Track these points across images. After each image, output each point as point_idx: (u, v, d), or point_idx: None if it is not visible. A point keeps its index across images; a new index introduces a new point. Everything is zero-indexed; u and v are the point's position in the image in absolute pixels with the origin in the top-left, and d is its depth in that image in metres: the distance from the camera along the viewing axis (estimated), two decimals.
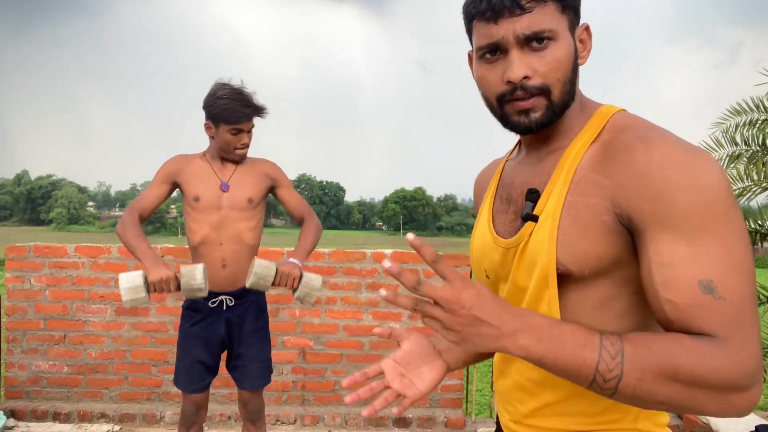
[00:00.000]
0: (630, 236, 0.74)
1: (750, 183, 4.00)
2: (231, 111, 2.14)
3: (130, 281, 1.98)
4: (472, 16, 0.82)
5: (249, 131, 2.23)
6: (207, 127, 2.23)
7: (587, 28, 0.84)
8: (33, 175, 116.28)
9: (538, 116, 0.80)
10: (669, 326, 0.71)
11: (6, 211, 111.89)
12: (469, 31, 0.85)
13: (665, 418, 0.84)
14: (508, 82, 0.78)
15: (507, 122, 0.83)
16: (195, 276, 2.01)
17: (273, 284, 2.13)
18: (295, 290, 2.17)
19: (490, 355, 1.05)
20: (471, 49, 0.86)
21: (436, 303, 0.68)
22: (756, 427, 2.68)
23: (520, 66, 0.77)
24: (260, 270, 2.10)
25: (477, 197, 1.09)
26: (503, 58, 0.79)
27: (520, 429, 0.91)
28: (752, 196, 4.03)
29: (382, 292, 0.68)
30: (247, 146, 2.24)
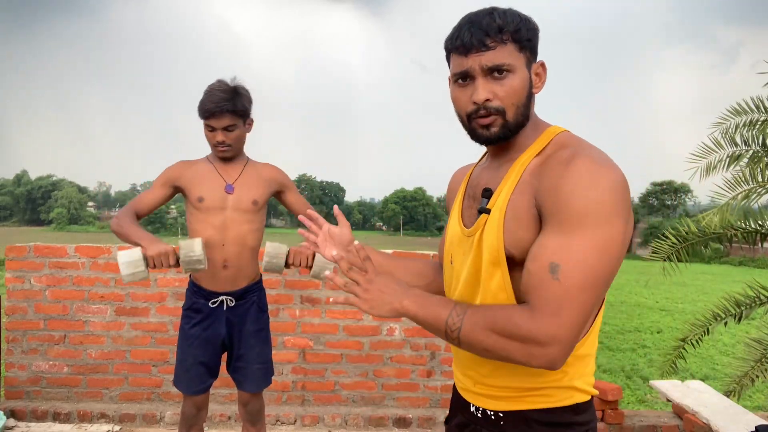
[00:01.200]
0: None
1: (755, 185, 3.99)
2: (201, 106, 2.14)
3: (129, 256, 1.96)
4: (449, 50, 1.06)
5: (226, 129, 2.15)
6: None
7: (542, 64, 1.06)
8: (32, 176, 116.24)
9: (496, 130, 1.03)
10: (525, 294, 0.95)
11: (6, 211, 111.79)
12: (448, 61, 1.08)
13: (592, 378, 1.08)
14: (474, 103, 1.01)
15: (473, 134, 1.06)
16: (194, 248, 2.01)
17: (287, 265, 2.18)
18: (310, 268, 2.21)
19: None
20: (450, 75, 1.09)
21: (356, 283, 1.05)
22: (756, 427, 2.68)
23: (483, 91, 1.00)
24: (272, 250, 2.15)
25: (450, 194, 1.32)
26: (471, 83, 1.02)
27: (481, 389, 1.11)
28: (757, 198, 4.02)
29: (327, 272, 1.11)
30: (224, 144, 2.16)
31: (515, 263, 0.99)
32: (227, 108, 2.11)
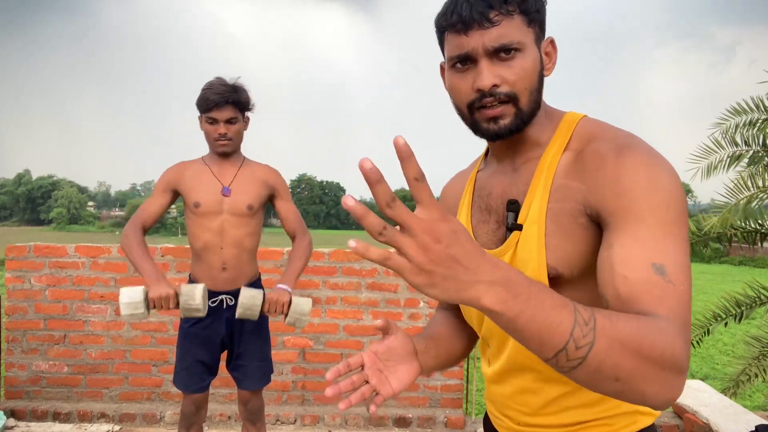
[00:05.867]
0: (600, 231, 0.79)
1: (756, 190, 3.99)
2: (204, 99, 2.15)
3: (130, 296, 2.02)
4: (443, 28, 0.86)
5: (228, 122, 2.17)
6: (199, 121, 2.24)
7: (552, 42, 0.89)
8: (32, 176, 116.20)
9: (507, 123, 0.84)
10: (616, 301, 0.71)
11: (6, 211, 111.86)
12: (441, 43, 0.89)
13: None
14: (478, 90, 0.82)
15: (477, 129, 0.87)
16: (194, 296, 2.05)
17: (261, 312, 2.14)
18: (285, 315, 2.18)
19: (459, 360, 1.05)
20: (443, 60, 0.91)
21: (405, 231, 0.56)
22: (756, 427, 2.68)
23: (489, 75, 0.81)
24: (246, 300, 2.10)
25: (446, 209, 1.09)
26: (473, 68, 0.83)
27: (527, 430, 0.92)
28: (759, 203, 4.02)
29: (351, 243, 0.56)
30: (226, 137, 2.17)
31: (558, 286, 0.81)
32: (231, 99, 2.15)
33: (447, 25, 0.84)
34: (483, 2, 0.81)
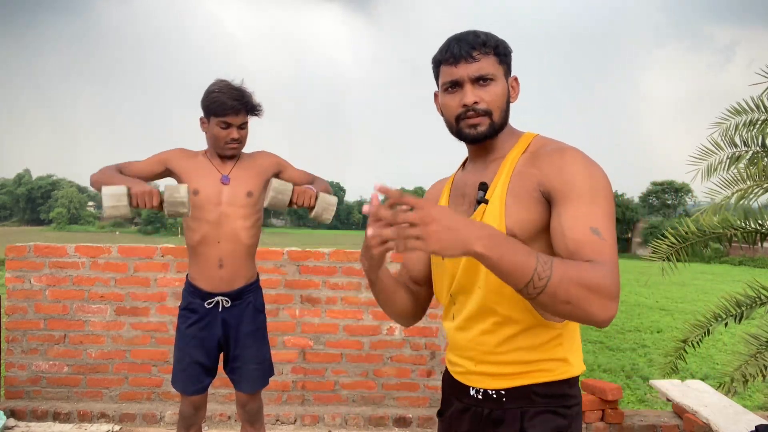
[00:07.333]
0: (549, 206, 1.09)
1: (752, 184, 3.98)
2: (219, 103, 2.14)
3: (113, 189, 1.97)
4: (439, 62, 1.20)
5: (240, 127, 2.20)
6: (201, 123, 2.24)
7: (516, 78, 1.23)
8: (32, 175, 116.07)
9: (483, 130, 1.16)
10: (566, 254, 1.02)
11: (6, 211, 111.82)
12: (437, 74, 1.22)
13: (581, 354, 1.19)
14: (464, 105, 1.15)
15: (460, 135, 1.19)
16: (179, 190, 2.03)
17: (290, 203, 2.20)
18: (312, 209, 2.23)
19: (394, 308, 1.30)
20: (436, 90, 1.25)
21: (411, 224, 0.88)
22: (756, 427, 2.69)
23: (471, 95, 1.15)
24: (278, 185, 2.18)
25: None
26: (460, 90, 1.17)
27: (483, 368, 1.17)
28: (753, 198, 4.00)
29: (365, 208, 0.91)
30: (237, 142, 2.21)
31: None
32: (248, 105, 2.19)
33: (443, 59, 1.18)
34: (468, 45, 1.15)
